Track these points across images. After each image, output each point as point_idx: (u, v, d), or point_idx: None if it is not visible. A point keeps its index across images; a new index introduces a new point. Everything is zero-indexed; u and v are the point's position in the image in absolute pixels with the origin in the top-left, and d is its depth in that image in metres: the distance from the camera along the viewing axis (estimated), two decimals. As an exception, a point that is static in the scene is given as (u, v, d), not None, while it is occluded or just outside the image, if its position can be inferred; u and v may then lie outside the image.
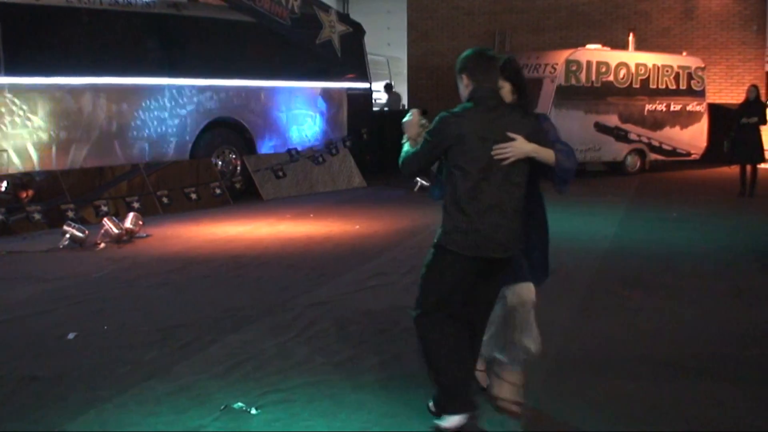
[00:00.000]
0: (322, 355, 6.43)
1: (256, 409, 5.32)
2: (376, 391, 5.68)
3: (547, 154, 4.86)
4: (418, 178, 16.52)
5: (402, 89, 27.74)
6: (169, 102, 14.51)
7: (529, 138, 4.81)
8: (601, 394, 5.62)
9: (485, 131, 4.76)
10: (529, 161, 4.87)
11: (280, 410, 5.32)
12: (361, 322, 7.35)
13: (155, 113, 14.35)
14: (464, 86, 4.98)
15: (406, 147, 5.09)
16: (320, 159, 16.89)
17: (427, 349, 4.98)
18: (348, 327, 7.19)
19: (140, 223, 11.57)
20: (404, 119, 5.21)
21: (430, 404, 5.10)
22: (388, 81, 26.42)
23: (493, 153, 4.74)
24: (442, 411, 4.98)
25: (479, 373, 5.62)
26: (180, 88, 14.67)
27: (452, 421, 4.92)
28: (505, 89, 5.13)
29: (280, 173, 15.95)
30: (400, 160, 5.06)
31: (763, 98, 17.54)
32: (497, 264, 4.90)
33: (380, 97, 25.16)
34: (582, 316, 7.57)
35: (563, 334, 6.85)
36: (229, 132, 15.78)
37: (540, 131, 4.97)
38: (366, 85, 18.82)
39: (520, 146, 4.76)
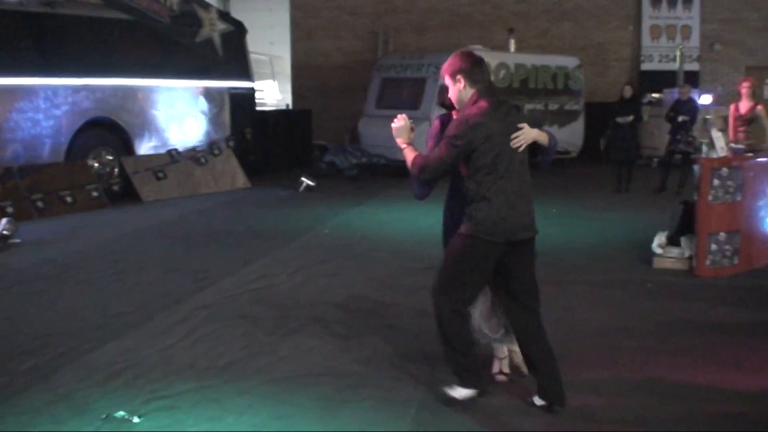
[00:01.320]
0: (206, 360, 6.33)
1: (139, 417, 5.22)
2: (263, 393, 5.63)
3: (545, 137, 5.35)
4: (303, 179, 16.49)
5: (286, 88, 27.62)
6: (44, 102, 14.06)
7: (530, 125, 5.29)
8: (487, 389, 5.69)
9: (504, 127, 5.19)
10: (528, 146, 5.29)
11: (163, 417, 5.23)
12: (246, 324, 7.27)
13: (29, 114, 13.88)
14: (460, 88, 5.33)
15: (410, 153, 5.41)
16: (202, 160, 16.62)
17: (451, 331, 5.34)
18: (233, 330, 7.09)
19: (14, 228, 11.18)
20: (394, 125, 5.50)
21: (448, 389, 5.47)
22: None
23: (512, 143, 5.17)
24: (463, 384, 5.39)
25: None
26: (54, 89, 14.24)
27: (463, 393, 5.39)
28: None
29: (161, 174, 15.65)
30: (416, 167, 5.33)
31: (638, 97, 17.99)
32: (522, 246, 5.30)
33: (263, 96, 24.98)
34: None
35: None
36: (105, 133, 15.38)
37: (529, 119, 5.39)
38: (249, 84, 18.65)
39: (529, 132, 5.23)
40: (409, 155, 5.39)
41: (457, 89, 5.35)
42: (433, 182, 5.46)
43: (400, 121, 5.51)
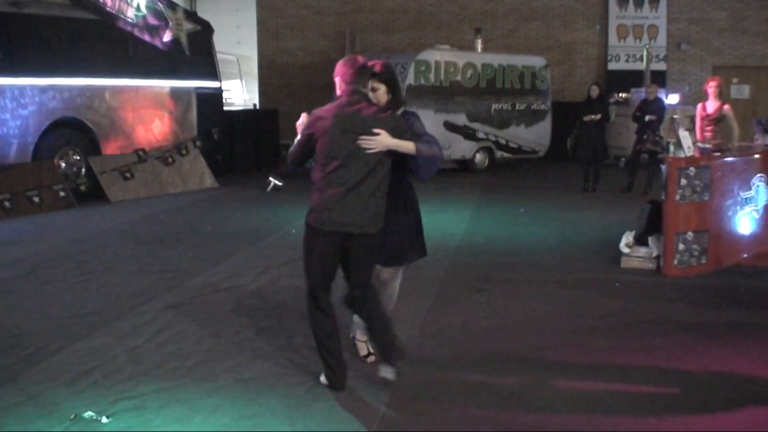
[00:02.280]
0: (174, 360, 6.31)
1: (107, 417, 5.18)
2: (232, 394, 5.61)
3: (408, 147, 5.49)
4: (271, 179, 16.46)
5: (253, 88, 27.54)
6: (10, 102, 13.94)
7: (393, 132, 5.47)
8: (453, 388, 5.70)
9: (346, 125, 5.43)
10: (393, 153, 5.51)
11: (132, 417, 5.20)
12: (214, 324, 7.25)
13: (-5, 114, 13.81)
14: (338, 87, 5.68)
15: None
16: (170, 159, 16.55)
17: (310, 320, 5.74)
18: (201, 330, 7.07)
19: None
20: (298, 122, 5.82)
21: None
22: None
23: (359, 143, 5.41)
24: (324, 374, 5.76)
25: (360, 342, 6.29)
26: (21, 88, 14.12)
27: (323, 380, 5.76)
28: (381, 90, 5.80)
29: (128, 174, 15.56)
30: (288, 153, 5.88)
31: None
32: (357, 240, 5.54)
33: (230, 96, 24.89)
34: (434, 313, 7.65)
35: (416, 330, 6.91)
36: (72, 133, 15.28)
37: (403, 126, 5.62)
38: (216, 84, 18.60)
39: (383, 140, 5.43)
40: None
41: (336, 87, 5.73)
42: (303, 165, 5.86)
43: (302, 118, 5.81)
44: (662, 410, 5.39)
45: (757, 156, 10.14)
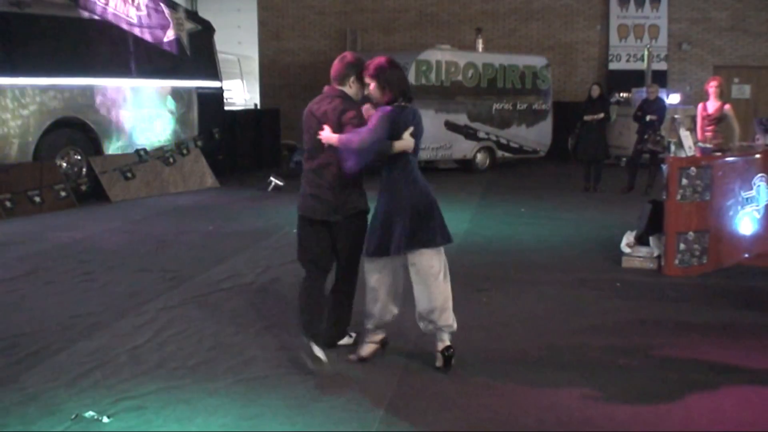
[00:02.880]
0: (175, 360, 6.30)
1: (108, 417, 5.17)
2: (233, 393, 5.60)
3: (332, 139, 5.84)
4: (272, 178, 16.47)
5: (254, 88, 27.54)
6: (11, 102, 13.94)
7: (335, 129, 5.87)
8: (454, 388, 5.70)
9: (311, 121, 6.05)
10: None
11: (133, 417, 5.19)
12: (215, 324, 7.24)
13: (-4, 114, 13.81)
14: None
15: None
16: (171, 159, 16.55)
17: (300, 289, 6.20)
18: (202, 330, 7.07)
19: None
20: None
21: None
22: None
23: (318, 137, 5.91)
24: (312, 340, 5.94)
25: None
26: (22, 88, 14.12)
27: (315, 350, 5.87)
28: (372, 86, 5.99)
29: (129, 174, 15.56)
30: None
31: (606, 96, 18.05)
32: (336, 227, 6.08)
33: (231, 96, 24.90)
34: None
35: (417, 331, 6.90)
36: (73, 132, 15.29)
37: (361, 123, 5.90)
38: (217, 83, 18.60)
39: (326, 135, 5.88)
40: None
41: None
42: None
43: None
44: (663, 410, 5.39)
45: (758, 156, 10.14)
